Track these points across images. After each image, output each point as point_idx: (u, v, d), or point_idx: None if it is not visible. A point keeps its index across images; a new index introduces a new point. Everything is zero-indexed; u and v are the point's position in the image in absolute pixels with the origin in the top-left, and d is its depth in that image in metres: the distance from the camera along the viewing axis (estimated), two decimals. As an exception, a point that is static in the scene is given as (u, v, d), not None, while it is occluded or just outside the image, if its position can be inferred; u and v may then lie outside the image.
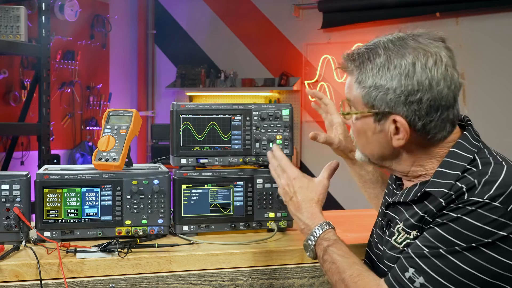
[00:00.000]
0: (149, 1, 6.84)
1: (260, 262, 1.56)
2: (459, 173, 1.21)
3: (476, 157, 1.23)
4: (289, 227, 1.77)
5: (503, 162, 1.22)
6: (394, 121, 1.25)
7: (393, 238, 1.31)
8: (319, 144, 1.70)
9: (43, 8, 3.97)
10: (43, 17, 3.97)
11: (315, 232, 1.35)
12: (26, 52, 4.08)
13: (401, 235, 1.28)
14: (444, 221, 1.17)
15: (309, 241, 1.36)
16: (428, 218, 1.22)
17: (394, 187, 1.43)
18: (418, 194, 1.26)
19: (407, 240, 1.26)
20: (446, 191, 1.20)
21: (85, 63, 5.87)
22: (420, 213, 1.24)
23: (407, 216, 1.28)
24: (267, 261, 1.56)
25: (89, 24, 5.94)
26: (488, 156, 1.24)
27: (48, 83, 3.99)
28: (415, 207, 1.27)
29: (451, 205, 1.18)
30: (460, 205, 1.16)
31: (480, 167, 1.20)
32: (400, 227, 1.29)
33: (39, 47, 3.94)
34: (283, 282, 1.56)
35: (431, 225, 1.20)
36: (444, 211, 1.18)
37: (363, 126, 1.31)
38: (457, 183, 1.20)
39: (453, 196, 1.18)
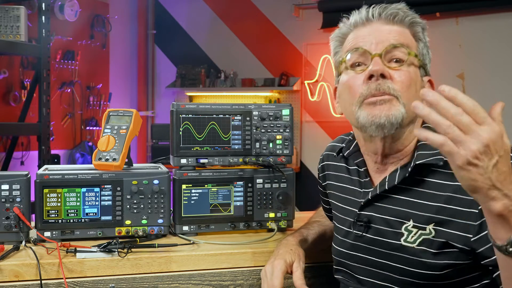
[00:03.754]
0: (149, 1, 6.84)
1: (260, 262, 1.56)
2: None
3: None
4: (289, 227, 1.77)
5: None
6: (429, 82, 1.34)
7: (402, 238, 1.25)
8: (319, 144, 1.72)
9: (43, 8, 3.97)
10: (43, 17, 3.97)
11: None
12: (26, 52, 4.08)
13: (413, 233, 1.24)
14: None
15: None
16: (463, 208, 1.16)
17: (359, 190, 1.37)
18: (409, 170, 1.24)
19: (423, 237, 1.22)
20: (442, 157, 1.20)
21: (85, 63, 5.87)
22: (437, 204, 1.20)
23: (415, 212, 1.24)
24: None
25: (89, 24, 5.94)
26: None
27: (48, 83, 3.99)
28: (411, 198, 1.24)
29: None
30: None
31: None
32: (409, 225, 1.25)
33: (39, 47, 3.94)
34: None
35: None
36: None
37: (415, 76, 1.28)
38: None
39: None
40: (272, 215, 1.75)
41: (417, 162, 1.24)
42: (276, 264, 1.40)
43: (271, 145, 1.75)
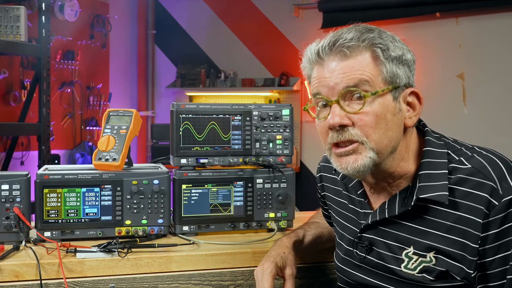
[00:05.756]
0: (149, 1, 6.84)
1: (260, 262, 1.56)
2: (446, 171, 1.19)
3: (450, 152, 1.23)
4: (289, 227, 1.77)
5: (475, 149, 1.23)
6: (413, 94, 1.22)
7: (403, 265, 1.23)
8: (319, 144, 1.69)
9: (43, 8, 3.97)
10: (43, 17, 3.97)
11: None
12: (26, 52, 4.08)
13: (414, 260, 1.22)
14: (505, 226, 1.12)
15: None
16: (460, 238, 1.16)
17: (359, 210, 1.35)
18: (412, 204, 1.20)
19: (423, 264, 1.20)
20: (447, 193, 1.17)
21: (85, 63, 5.87)
22: (437, 232, 1.19)
23: (416, 239, 1.21)
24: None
25: (89, 24, 5.94)
26: (459, 147, 1.24)
27: (48, 83, 3.99)
28: (412, 224, 1.22)
29: (488, 214, 1.13)
30: (500, 208, 1.13)
31: (470, 164, 1.19)
32: (409, 251, 1.22)
33: (39, 47, 3.94)
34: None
35: (497, 243, 1.13)
36: (489, 220, 1.13)
37: (383, 108, 1.18)
38: (458, 187, 1.17)
39: (484, 209, 1.14)
40: (272, 215, 1.75)
41: (421, 196, 1.20)
42: (266, 267, 1.39)
43: (271, 145, 1.75)
